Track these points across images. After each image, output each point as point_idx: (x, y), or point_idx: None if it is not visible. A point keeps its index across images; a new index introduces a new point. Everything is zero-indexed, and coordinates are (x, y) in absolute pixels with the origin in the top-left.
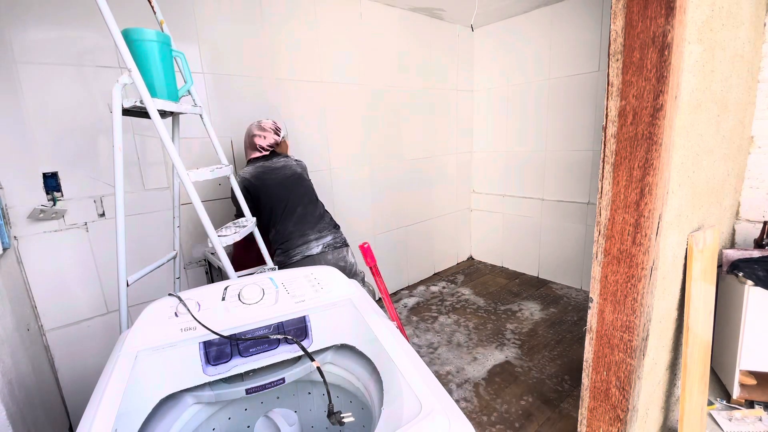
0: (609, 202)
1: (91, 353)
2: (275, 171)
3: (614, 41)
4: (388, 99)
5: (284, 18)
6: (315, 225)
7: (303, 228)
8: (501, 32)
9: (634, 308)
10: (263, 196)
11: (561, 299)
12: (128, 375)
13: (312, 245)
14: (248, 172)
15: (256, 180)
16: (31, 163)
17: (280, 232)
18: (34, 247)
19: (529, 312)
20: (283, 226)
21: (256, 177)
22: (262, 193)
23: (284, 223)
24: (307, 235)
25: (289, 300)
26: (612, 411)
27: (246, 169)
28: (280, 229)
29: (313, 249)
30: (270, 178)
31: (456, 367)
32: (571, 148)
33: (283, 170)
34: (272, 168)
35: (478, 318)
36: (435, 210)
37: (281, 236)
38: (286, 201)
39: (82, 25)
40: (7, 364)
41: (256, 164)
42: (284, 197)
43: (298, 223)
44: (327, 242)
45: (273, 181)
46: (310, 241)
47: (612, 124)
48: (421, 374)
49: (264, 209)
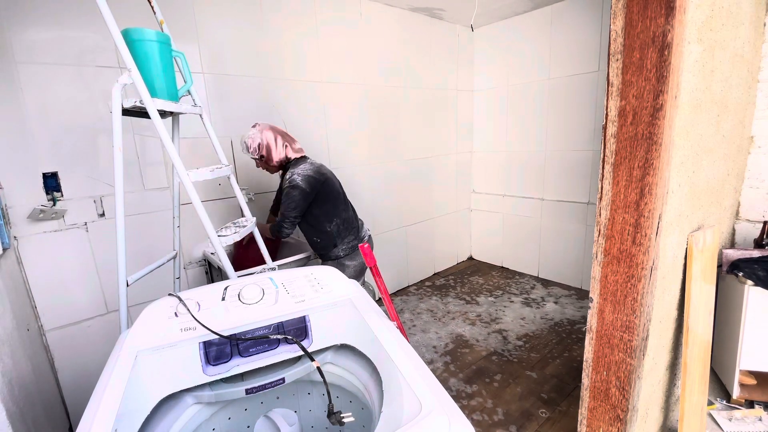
0: (609, 202)
1: (91, 353)
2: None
3: (614, 41)
4: (388, 99)
5: (284, 18)
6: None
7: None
8: (501, 32)
9: (634, 308)
10: (330, 189)
11: (561, 299)
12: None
13: (363, 229)
14: (310, 169)
15: (320, 176)
16: (31, 163)
17: (347, 220)
18: (34, 247)
19: (530, 312)
20: (348, 215)
21: (318, 172)
22: (328, 187)
23: (347, 212)
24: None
25: (289, 300)
26: (612, 411)
27: (304, 167)
28: (346, 218)
29: (367, 232)
30: (328, 173)
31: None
32: (571, 148)
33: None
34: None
35: (477, 317)
36: (435, 210)
37: (350, 223)
38: (343, 194)
39: (82, 25)
40: (7, 364)
41: (306, 161)
42: (340, 191)
43: (353, 211)
44: (366, 232)
45: (331, 175)
46: (361, 228)
47: (612, 124)
48: (421, 374)
49: (327, 202)
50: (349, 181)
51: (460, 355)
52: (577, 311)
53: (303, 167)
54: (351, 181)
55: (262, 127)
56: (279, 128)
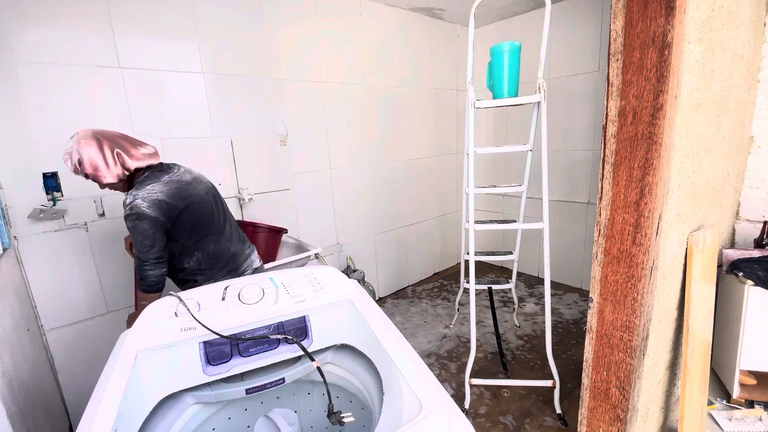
0: (609, 202)
1: (91, 353)
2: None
3: (614, 41)
4: (388, 99)
5: (284, 18)
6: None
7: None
8: (501, 32)
9: (634, 308)
10: (193, 218)
11: (561, 299)
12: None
13: (253, 257)
14: (161, 191)
15: (179, 200)
16: (31, 163)
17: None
18: (34, 247)
19: (529, 311)
20: (220, 247)
21: (176, 196)
22: (191, 215)
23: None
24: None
25: (289, 300)
26: (612, 411)
27: (152, 187)
28: (215, 251)
29: (255, 262)
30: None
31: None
32: (571, 148)
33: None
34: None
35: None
36: (435, 210)
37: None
38: (221, 219)
39: (82, 25)
40: (7, 364)
41: (158, 177)
42: (213, 216)
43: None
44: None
45: (201, 194)
46: (249, 255)
47: (612, 124)
48: (421, 374)
49: (188, 236)
50: (349, 181)
51: (460, 355)
52: (577, 311)
53: (151, 187)
54: (351, 181)
55: (81, 135)
56: (109, 132)
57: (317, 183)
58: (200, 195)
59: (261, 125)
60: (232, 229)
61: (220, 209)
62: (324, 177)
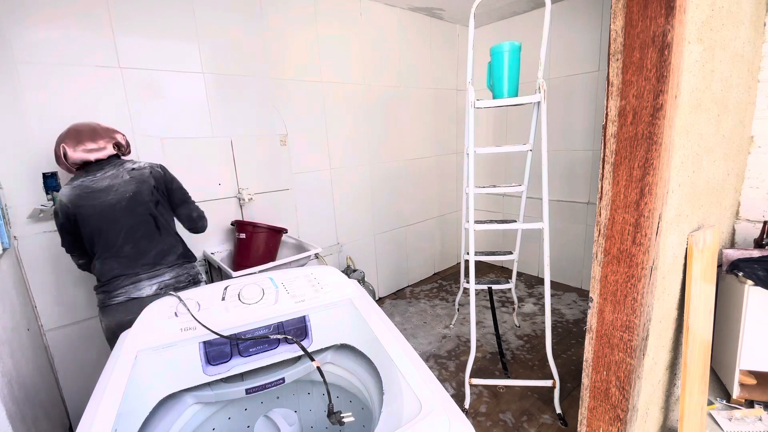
0: (609, 201)
1: (91, 353)
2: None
3: (614, 41)
4: (388, 98)
5: (284, 18)
6: (152, 265)
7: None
8: (501, 32)
9: (634, 308)
10: (84, 230)
11: (560, 298)
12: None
13: (144, 284)
14: (67, 194)
15: (74, 207)
16: (31, 163)
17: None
18: (34, 247)
19: (529, 311)
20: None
21: (73, 203)
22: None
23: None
24: (138, 274)
25: (289, 300)
26: (612, 411)
27: (66, 187)
28: (100, 269)
29: (144, 290)
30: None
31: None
32: (571, 148)
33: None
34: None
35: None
36: (435, 210)
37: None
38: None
39: (82, 25)
40: (7, 364)
41: (76, 179)
42: (104, 229)
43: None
44: (165, 282)
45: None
46: (141, 280)
47: (612, 124)
48: (421, 374)
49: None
50: (349, 181)
51: (459, 354)
52: (577, 311)
53: (65, 187)
54: (351, 181)
55: None
56: (81, 124)
57: (317, 183)
58: (98, 207)
59: (261, 125)
60: (136, 251)
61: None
62: (324, 177)
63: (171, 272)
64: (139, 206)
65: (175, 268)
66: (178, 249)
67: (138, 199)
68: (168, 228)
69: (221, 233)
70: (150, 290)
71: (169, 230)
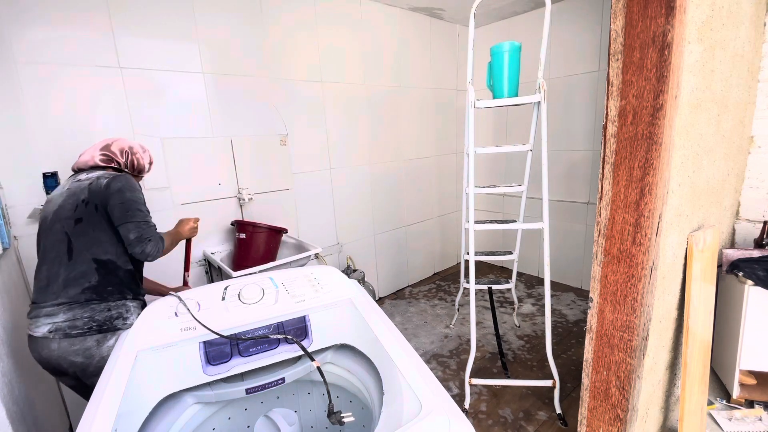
0: (609, 202)
1: None
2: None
3: (614, 41)
4: (388, 99)
5: (284, 18)
6: (56, 295)
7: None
8: (501, 32)
9: (634, 308)
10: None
11: (560, 299)
12: (128, 375)
13: (41, 322)
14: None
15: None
16: (31, 163)
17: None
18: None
19: (529, 311)
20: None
21: (45, 206)
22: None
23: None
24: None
25: (289, 300)
26: (612, 411)
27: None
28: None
29: (40, 328)
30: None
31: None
32: (571, 148)
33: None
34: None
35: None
36: (435, 210)
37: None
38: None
39: (82, 25)
40: (7, 364)
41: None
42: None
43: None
44: (57, 324)
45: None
46: (39, 316)
47: (612, 124)
48: (421, 374)
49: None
50: (349, 181)
51: (460, 354)
52: (577, 311)
53: None
54: (351, 181)
55: None
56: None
57: (317, 183)
58: (42, 217)
59: (261, 125)
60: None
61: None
62: (324, 177)
63: (67, 312)
64: (56, 223)
65: (74, 308)
66: (91, 280)
67: (59, 214)
68: (83, 253)
69: (221, 233)
70: (44, 329)
71: (83, 256)
